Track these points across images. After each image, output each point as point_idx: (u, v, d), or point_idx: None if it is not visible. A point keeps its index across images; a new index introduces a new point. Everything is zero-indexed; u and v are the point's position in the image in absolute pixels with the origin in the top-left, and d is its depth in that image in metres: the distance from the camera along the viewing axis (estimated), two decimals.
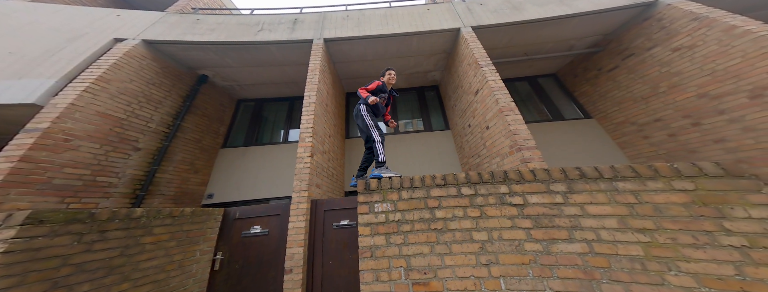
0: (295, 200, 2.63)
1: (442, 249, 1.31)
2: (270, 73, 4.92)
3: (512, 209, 1.31)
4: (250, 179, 4.61)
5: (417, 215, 1.43)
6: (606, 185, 1.23)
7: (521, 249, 1.22)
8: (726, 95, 3.33)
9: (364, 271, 1.36)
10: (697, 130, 3.67)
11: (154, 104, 4.13)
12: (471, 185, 1.43)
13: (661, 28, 4.00)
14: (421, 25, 4.18)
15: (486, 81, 3.30)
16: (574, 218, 1.22)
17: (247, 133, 5.32)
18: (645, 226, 1.11)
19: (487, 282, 1.20)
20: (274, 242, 2.58)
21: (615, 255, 1.13)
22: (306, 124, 3.15)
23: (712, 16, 3.46)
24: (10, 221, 1.40)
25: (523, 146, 2.66)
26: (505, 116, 2.92)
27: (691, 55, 3.66)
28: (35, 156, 2.68)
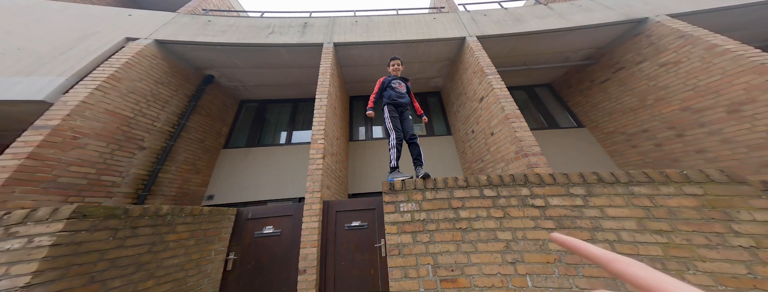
0: (308, 201, 2.62)
1: (467, 247, 1.35)
2: (276, 75, 4.92)
3: (535, 211, 1.36)
4: (252, 180, 4.54)
5: (442, 215, 1.47)
6: (623, 188, 1.30)
7: (545, 249, 1.28)
8: (706, 109, 3.52)
9: (392, 268, 1.38)
10: (680, 141, 3.85)
11: (161, 103, 4.06)
12: (493, 187, 1.48)
13: (650, 44, 4.22)
14: (427, 33, 4.28)
15: (492, 89, 3.39)
16: (595, 219, 1.28)
17: (250, 134, 5.26)
18: (662, 227, 1.18)
19: (514, 279, 1.24)
20: (286, 242, 2.55)
21: (636, 255, 1.19)
22: (318, 126, 3.16)
23: (696, 34, 3.68)
24: (57, 214, 1.39)
25: (529, 152, 2.74)
26: (511, 123, 3.01)
27: (677, 70, 3.86)
28: (43, 154, 2.60)
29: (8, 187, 2.27)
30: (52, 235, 1.33)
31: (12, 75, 3.02)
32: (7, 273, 1.20)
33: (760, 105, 3.03)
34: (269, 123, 5.55)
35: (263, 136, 5.31)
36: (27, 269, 1.22)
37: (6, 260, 1.24)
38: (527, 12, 4.67)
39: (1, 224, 1.35)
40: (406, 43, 4.25)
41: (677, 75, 3.84)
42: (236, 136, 5.26)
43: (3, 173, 2.25)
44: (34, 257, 1.26)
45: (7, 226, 1.35)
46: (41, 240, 1.31)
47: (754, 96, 3.08)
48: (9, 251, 1.27)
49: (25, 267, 1.23)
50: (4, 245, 1.28)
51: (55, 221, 1.37)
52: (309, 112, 5.65)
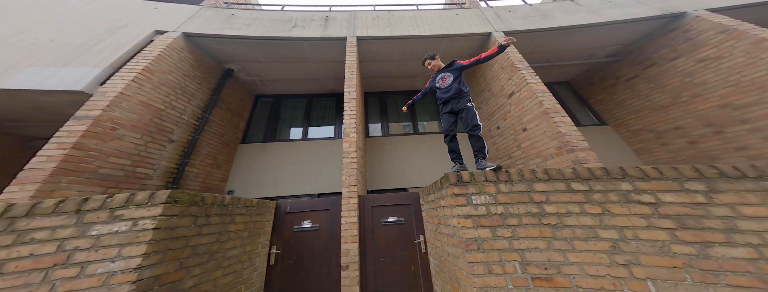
0: (346, 195, 2.47)
1: (561, 245, 1.16)
2: (295, 69, 4.74)
3: (644, 208, 1.16)
4: (270, 175, 4.36)
5: (522, 209, 1.29)
6: (752, 184, 1.12)
7: (669, 251, 1.08)
8: (751, 106, 3.26)
9: (473, 263, 1.22)
10: (718, 138, 3.60)
11: (187, 96, 3.94)
12: (582, 181, 1.29)
13: (686, 40, 3.95)
14: (451, 29, 4.07)
15: (526, 83, 3.18)
16: (728, 219, 1.09)
17: (266, 129, 5.08)
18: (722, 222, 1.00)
19: (631, 283, 1.05)
20: (324, 237, 2.41)
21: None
22: (349, 120, 3.00)
23: (741, 28, 3.41)
24: (154, 199, 1.32)
25: (576, 148, 2.54)
26: (552, 118, 2.80)
27: (717, 66, 3.59)
28: (86, 144, 2.49)
29: (55, 176, 2.17)
30: (154, 219, 1.27)
31: (47, 66, 2.92)
32: (120, 254, 1.17)
33: None
34: (284, 118, 5.38)
35: (279, 132, 5.14)
36: (137, 252, 1.18)
37: (117, 242, 1.20)
38: (554, 8, 4.42)
39: (106, 207, 1.29)
40: (429, 38, 4.03)
41: (717, 71, 3.58)
42: (253, 131, 5.10)
43: (50, 163, 2.15)
44: (142, 239, 1.21)
45: (111, 209, 1.29)
46: (145, 223, 1.26)
47: None
48: (117, 233, 1.23)
49: (135, 249, 1.19)
50: (113, 227, 1.23)
51: (154, 206, 1.30)
52: (323, 107, 5.49)
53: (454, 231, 1.43)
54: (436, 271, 2.00)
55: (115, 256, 1.17)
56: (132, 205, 1.30)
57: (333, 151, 4.62)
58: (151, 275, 1.20)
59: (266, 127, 5.14)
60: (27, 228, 1.20)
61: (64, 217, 1.24)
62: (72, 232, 1.22)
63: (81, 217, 1.26)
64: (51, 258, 1.15)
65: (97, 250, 1.18)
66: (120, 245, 1.20)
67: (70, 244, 1.18)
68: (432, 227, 2.08)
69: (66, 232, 1.21)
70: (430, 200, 2.04)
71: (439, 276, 1.85)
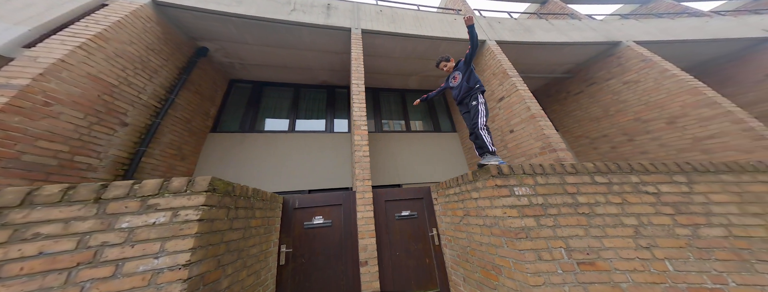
0: (360, 189, 2.45)
1: (596, 232, 1.41)
2: (287, 55, 4.41)
3: (650, 197, 1.50)
4: (250, 169, 3.98)
5: (559, 200, 1.52)
6: (714, 177, 1.56)
7: (673, 234, 1.40)
8: (652, 120, 4.36)
9: (524, 250, 1.39)
10: (630, 145, 4.72)
11: (149, 73, 3.33)
12: (603, 174, 1.60)
13: (618, 65, 5.01)
14: (451, 32, 4.34)
15: (516, 90, 3.63)
16: (705, 205, 1.48)
17: (244, 118, 4.60)
18: (756, 211, 1.43)
19: (654, 264, 1.33)
20: (337, 233, 2.34)
21: (749, 238, 1.40)
22: (359, 112, 2.97)
23: (654, 59, 4.52)
24: (194, 186, 1.14)
25: (557, 148, 3.02)
26: (538, 122, 3.27)
27: (635, 88, 4.67)
28: (5, 121, 1.91)
29: None
30: (197, 209, 1.11)
31: None
32: (163, 249, 1.02)
33: (689, 119, 3.89)
34: (267, 108, 4.94)
35: (260, 122, 4.71)
36: (183, 246, 1.04)
37: (157, 236, 1.04)
38: (534, 24, 5.11)
39: (135, 194, 1.09)
40: (431, 39, 4.23)
41: (635, 92, 4.65)
42: (226, 119, 4.54)
43: None
44: (187, 232, 1.07)
45: (142, 197, 1.10)
46: (188, 214, 1.10)
47: (686, 112, 3.93)
48: (156, 226, 1.05)
49: (181, 243, 1.04)
50: (148, 219, 1.06)
51: (194, 194, 1.14)
52: (313, 100, 5.23)
53: (495, 221, 1.60)
54: (455, 261, 2.15)
55: (158, 251, 1.00)
56: (167, 193, 1.10)
57: (324, 145, 4.45)
58: (199, 273, 1.05)
59: (244, 115, 4.63)
60: (27, 221, 0.96)
61: (78, 207, 1.00)
62: (94, 224, 0.99)
63: (103, 207, 1.02)
64: (72, 257, 0.93)
65: (132, 245, 0.98)
66: (161, 239, 1.03)
67: (95, 239, 0.97)
68: (450, 220, 2.24)
69: (86, 225, 0.99)
70: (452, 193, 2.19)
71: (463, 266, 2.01)
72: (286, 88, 5.27)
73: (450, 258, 2.24)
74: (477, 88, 2.22)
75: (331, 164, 4.29)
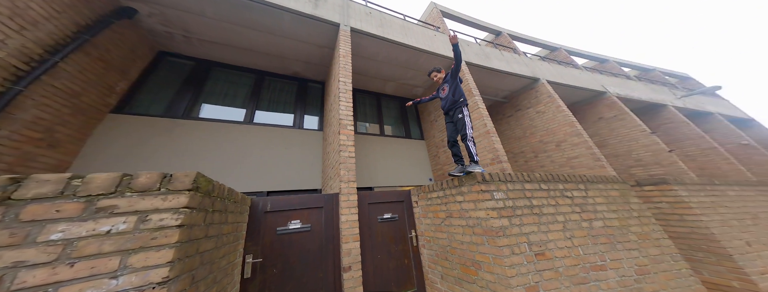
0: (345, 192, 2.32)
1: (544, 228, 1.75)
2: (257, 39, 3.84)
3: (569, 200, 1.97)
4: (186, 165, 3.22)
5: (521, 203, 1.81)
6: (594, 185, 2.15)
7: (580, 226, 1.88)
8: (548, 143, 5.71)
9: (502, 247, 1.58)
10: (534, 160, 6.03)
11: (24, 20, 2.37)
12: (545, 182, 1.98)
13: (535, 97, 6.34)
14: (432, 47, 4.61)
15: (477, 107, 4.16)
16: (592, 205, 2.04)
17: (177, 100, 3.71)
18: (612, 208, 2.08)
19: (574, 250, 1.75)
20: (317, 238, 2.13)
21: (616, 227, 2.00)
22: (346, 112, 2.83)
23: (554, 96, 5.93)
24: (174, 183, 0.86)
25: (502, 160, 3.59)
26: (491, 137, 3.82)
27: (542, 117, 6.00)
28: None
29: None
30: (177, 212, 0.85)
31: None
32: (126, 265, 0.74)
33: (567, 144, 5.24)
34: (214, 93, 4.14)
35: (202, 108, 3.89)
36: (159, 259, 0.78)
37: (114, 249, 0.74)
38: (491, 52, 5.97)
39: (74, 193, 0.76)
40: (414, 49, 4.36)
41: (542, 120, 5.97)
42: (144, 99, 3.55)
43: None
44: (163, 242, 0.80)
45: (87, 197, 0.77)
46: (163, 219, 0.83)
47: (566, 138, 5.29)
48: (111, 235, 0.75)
49: (154, 256, 0.78)
50: (97, 227, 0.75)
51: (173, 193, 0.86)
52: (280, 91, 4.70)
53: (478, 222, 1.78)
54: (433, 260, 2.26)
55: (117, 269, 0.72)
56: (130, 191, 0.80)
57: (291, 142, 4.03)
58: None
59: (177, 98, 3.75)
60: None
61: None
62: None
63: (12, 211, 0.66)
64: None
65: (71, 264, 0.67)
66: (121, 252, 0.74)
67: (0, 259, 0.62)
68: (431, 221, 2.36)
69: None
70: (435, 196, 2.32)
71: (441, 264, 2.14)
72: (246, 73, 4.55)
73: (428, 258, 2.33)
74: (461, 101, 2.43)
75: (298, 164, 3.89)
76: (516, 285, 1.51)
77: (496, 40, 7.77)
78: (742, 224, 2.60)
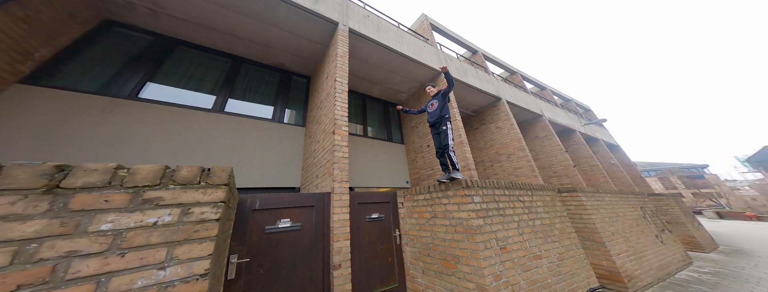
0: (338, 191, 2.38)
1: (505, 227, 2.14)
2: (243, 23, 3.56)
3: (521, 203, 2.46)
4: (132, 155, 2.77)
5: (491, 206, 2.16)
6: (535, 191, 2.71)
7: (528, 224, 2.36)
8: (501, 154, 6.66)
9: (478, 243, 1.88)
10: (491, 169, 6.94)
11: None
12: (508, 189, 2.41)
13: (496, 113, 7.27)
14: (421, 57, 4.89)
15: (455, 119, 4.60)
16: (535, 208, 2.57)
17: (121, 77, 3.19)
18: (546, 210, 2.65)
19: (523, 244, 2.20)
20: (307, 237, 2.15)
21: (548, 224, 2.58)
22: (341, 112, 2.88)
23: (510, 115, 6.91)
24: (212, 177, 0.87)
25: (471, 168, 4.07)
26: (464, 146, 4.29)
27: (499, 131, 6.92)
28: None
29: None
30: (215, 206, 0.84)
31: None
32: (172, 257, 0.74)
33: (515, 157, 6.22)
34: (177, 74, 3.67)
35: (158, 89, 3.40)
36: (201, 251, 0.79)
37: (161, 240, 0.74)
38: (468, 69, 6.58)
39: (121, 184, 0.74)
40: (405, 57, 4.58)
41: (499, 134, 6.89)
42: (74, 71, 2.98)
43: None
44: (205, 235, 0.81)
45: (134, 188, 0.75)
46: (204, 212, 0.83)
47: (514, 152, 6.27)
48: (158, 227, 0.75)
49: (197, 248, 0.79)
50: (145, 218, 0.74)
51: (212, 187, 0.87)
52: (259, 81, 4.42)
53: (460, 221, 2.07)
54: (415, 257, 2.48)
55: (164, 260, 0.73)
56: (173, 184, 0.80)
57: (269, 136, 3.85)
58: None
59: (122, 74, 3.24)
60: None
61: (12, 199, 0.59)
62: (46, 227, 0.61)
63: (61, 200, 0.63)
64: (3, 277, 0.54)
65: (122, 255, 0.67)
66: (168, 243, 0.75)
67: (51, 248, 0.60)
68: (415, 221, 2.58)
69: (31, 227, 0.59)
70: (421, 199, 2.56)
71: (423, 260, 2.37)
72: (221, 57, 4.17)
73: (410, 255, 2.54)
74: (446, 117, 2.78)
75: (275, 160, 3.73)
76: (488, 274, 1.82)
77: (472, 57, 8.60)
78: (610, 220, 3.76)
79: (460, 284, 1.95)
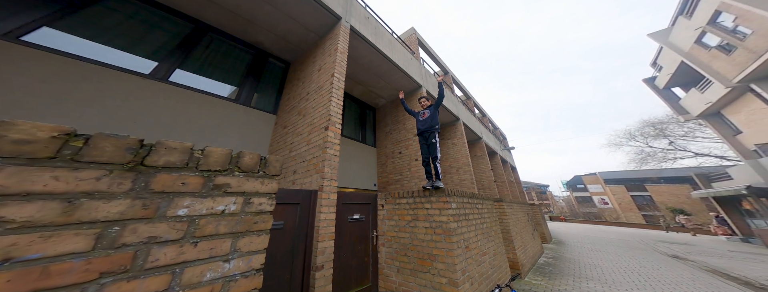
0: (326, 189, 2.34)
1: (470, 229, 2.56)
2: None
3: (477, 210, 2.97)
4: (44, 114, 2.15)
5: (461, 211, 2.54)
6: (482, 201, 3.32)
7: (481, 227, 2.89)
8: (453, 167, 7.54)
9: (453, 243, 2.17)
10: (444, 179, 7.81)
11: None
12: (470, 198, 2.88)
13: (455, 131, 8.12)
14: (408, 68, 5.16)
15: None
16: (483, 213, 3.15)
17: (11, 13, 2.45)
18: (490, 215, 3.30)
19: (477, 243, 2.67)
20: (289, 237, 2.04)
21: (490, 227, 3.21)
22: (336, 108, 2.83)
23: (464, 134, 7.95)
24: (269, 167, 0.85)
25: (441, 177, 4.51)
26: None
27: (454, 147, 7.77)
28: None
29: None
30: (270, 197, 0.84)
31: None
32: (235, 249, 0.70)
33: (462, 170, 7.15)
34: (99, 24, 2.91)
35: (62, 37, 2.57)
36: (259, 245, 0.76)
37: (228, 230, 0.69)
38: None
39: (196, 166, 0.66)
40: (394, 65, 4.77)
41: (453, 149, 7.78)
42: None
43: None
44: (262, 227, 0.78)
45: (207, 172, 0.69)
46: (262, 203, 0.80)
47: (462, 166, 7.23)
48: (225, 216, 0.69)
49: (256, 241, 0.76)
50: (215, 205, 0.68)
51: (268, 178, 0.84)
52: (226, 55, 3.90)
53: (439, 224, 2.35)
54: (391, 257, 2.64)
55: (229, 252, 0.68)
56: (238, 171, 0.77)
57: (228, 119, 3.44)
58: None
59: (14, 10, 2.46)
60: None
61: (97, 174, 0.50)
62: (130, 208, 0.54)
63: (144, 179, 0.56)
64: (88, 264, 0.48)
65: (195, 243, 0.61)
66: (232, 234, 0.70)
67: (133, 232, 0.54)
68: (395, 223, 2.75)
69: (115, 207, 0.52)
70: (403, 202, 2.75)
71: (399, 260, 2.56)
72: (180, 19, 3.52)
73: (386, 255, 2.67)
74: (436, 128, 3.04)
75: (239, 146, 3.35)
76: (458, 269, 2.15)
77: (444, 77, 9.45)
78: (515, 223, 5.00)
79: (433, 280, 2.20)
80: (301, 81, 3.92)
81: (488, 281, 2.64)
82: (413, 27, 7.62)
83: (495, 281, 2.80)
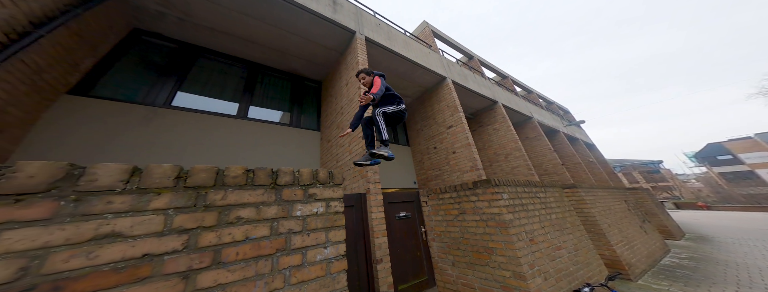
0: (373, 192, 2.66)
1: (531, 221, 2.54)
2: (265, 31, 3.79)
3: (538, 199, 2.90)
4: (171, 158, 2.98)
5: (517, 202, 2.56)
6: (545, 189, 3.17)
7: (547, 218, 2.80)
8: (500, 154, 7.20)
9: (512, 235, 2.25)
10: (490, 168, 7.44)
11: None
12: (526, 187, 2.84)
13: (493, 116, 7.82)
14: (427, 63, 5.30)
15: (461, 122, 5.01)
16: (550, 203, 3.03)
17: (156, 86, 3.43)
18: (558, 205, 3.11)
19: (546, 236, 2.61)
20: (351, 235, 2.41)
21: (561, 218, 3.02)
22: None
23: (506, 117, 7.49)
24: (335, 178, 1.17)
25: (479, 168, 4.48)
26: (471, 148, 4.71)
27: (496, 132, 7.47)
28: None
29: None
30: (340, 201, 1.15)
31: None
32: (328, 239, 1.02)
33: (512, 156, 6.77)
34: (200, 81, 3.89)
35: (185, 97, 3.61)
36: (340, 236, 1.07)
37: (322, 225, 1.03)
38: (468, 74, 7.07)
39: (298, 182, 1.04)
40: (412, 63, 4.98)
41: (496, 135, 7.43)
42: (110, 82, 3.17)
43: None
44: (339, 223, 1.09)
45: (304, 186, 1.05)
46: (336, 206, 1.11)
47: (512, 152, 6.82)
48: (318, 215, 1.04)
49: (338, 234, 1.07)
50: (312, 208, 1.03)
51: (336, 186, 1.16)
52: (274, 86, 4.65)
53: (491, 216, 2.44)
54: (443, 251, 2.82)
55: (325, 241, 1.01)
56: (318, 183, 1.09)
57: (287, 140, 4.11)
58: None
59: (156, 83, 3.50)
60: (226, 204, 0.83)
61: (261, 191, 0.88)
62: (278, 211, 0.91)
63: (279, 193, 0.93)
64: (270, 243, 0.85)
65: (308, 234, 0.96)
66: (325, 228, 1.03)
67: (282, 226, 0.90)
68: (442, 218, 2.92)
69: (272, 211, 0.90)
70: (447, 197, 2.90)
71: (452, 253, 2.72)
72: (236, 63, 4.34)
73: (437, 249, 2.86)
74: None
75: (294, 163, 3.96)
76: (523, 263, 2.20)
77: (469, 62, 9.17)
78: (606, 213, 4.28)
79: (495, 273, 2.29)
80: (333, 97, 4.39)
81: (570, 278, 2.53)
82: (425, 20, 7.63)
83: (582, 279, 2.64)
